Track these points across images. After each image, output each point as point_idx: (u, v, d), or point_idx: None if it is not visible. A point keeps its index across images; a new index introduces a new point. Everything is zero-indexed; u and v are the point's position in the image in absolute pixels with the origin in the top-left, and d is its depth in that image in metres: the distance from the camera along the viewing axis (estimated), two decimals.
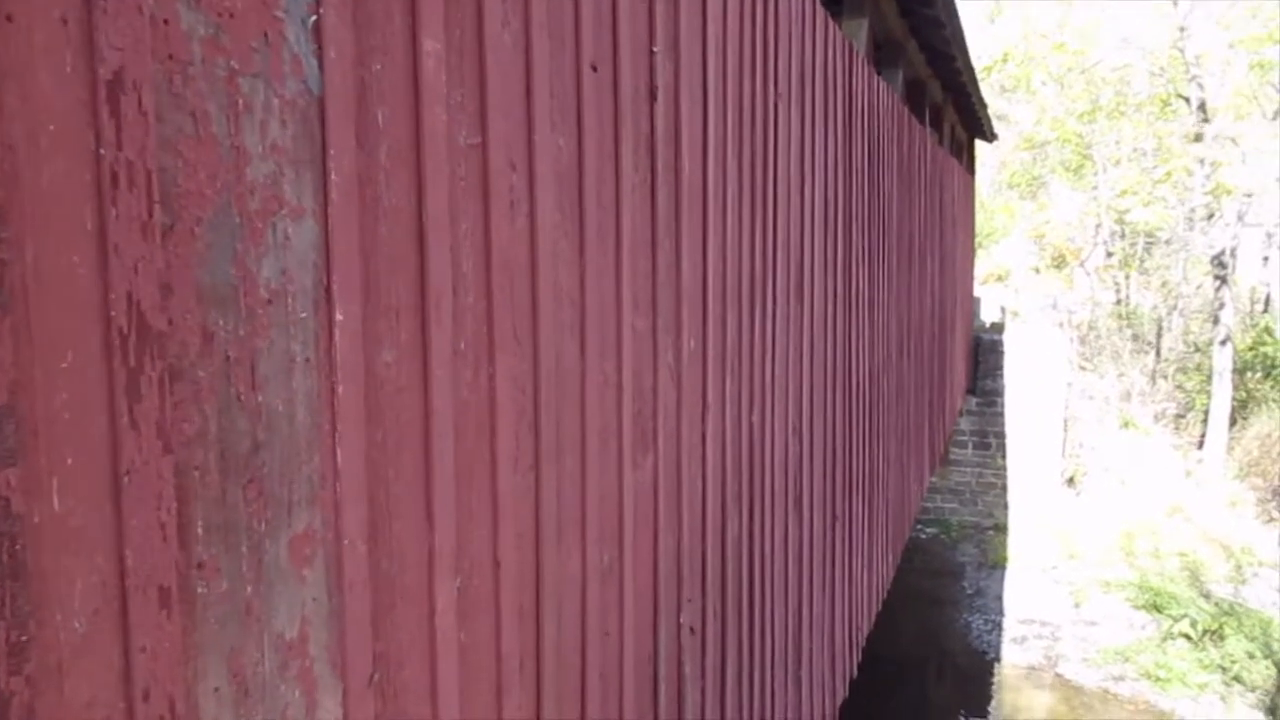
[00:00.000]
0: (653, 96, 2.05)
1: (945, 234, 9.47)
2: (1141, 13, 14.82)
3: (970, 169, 13.43)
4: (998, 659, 10.13)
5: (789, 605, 3.47)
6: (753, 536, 2.97)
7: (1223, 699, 9.26)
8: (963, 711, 9.34)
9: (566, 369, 1.69)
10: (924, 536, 13.32)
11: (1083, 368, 17.17)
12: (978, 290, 16.86)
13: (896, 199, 5.98)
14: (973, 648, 10.43)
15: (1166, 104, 16.57)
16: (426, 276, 1.26)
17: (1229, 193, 13.81)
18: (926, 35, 7.17)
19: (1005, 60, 14.56)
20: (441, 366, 1.30)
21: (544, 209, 1.59)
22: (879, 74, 5.54)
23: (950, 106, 10.36)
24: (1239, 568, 12.24)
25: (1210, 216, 14.59)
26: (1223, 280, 14.90)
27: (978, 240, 17.81)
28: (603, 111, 1.81)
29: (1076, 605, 11.16)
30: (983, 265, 20.56)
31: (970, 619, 11.06)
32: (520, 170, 1.52)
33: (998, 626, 10.72)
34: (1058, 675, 9.82)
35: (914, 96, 8.13)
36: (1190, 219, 17.89)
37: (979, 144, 14.47)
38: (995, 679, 9.86)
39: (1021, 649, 10.33)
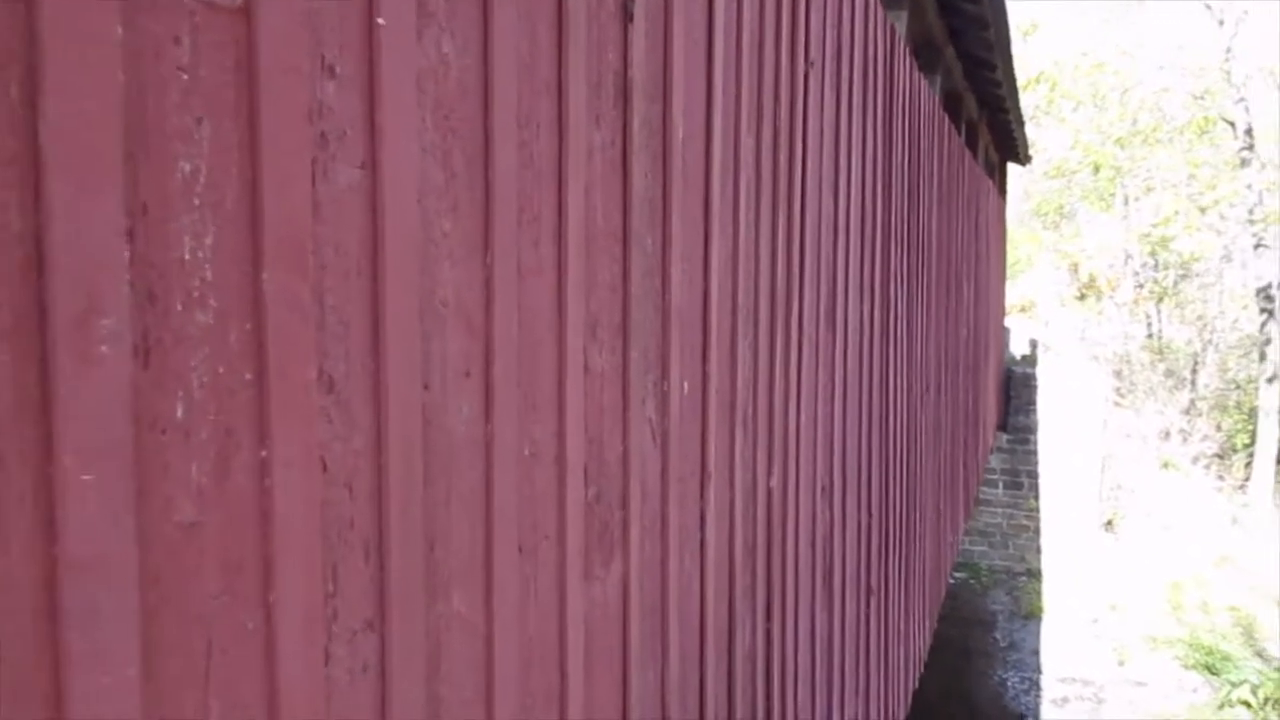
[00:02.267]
0: (627, 14, 1.35)
1: (981, 259, 8.75)
2: (1186, 32, 14.15)
3: (1002, 192, 12.72)
4: None
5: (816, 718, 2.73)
6: (770, 642, 2.24)
7: None
8: None
9: (452, 438, 0.98)
10: (952, 581, 12.46)
11: (1118, 404, 16.32)
12: (1006, 321, 16.09)
13: (936, 215, 5.27)
14: (1008, 708, 9.58)
15: (1204, 130, 15.84)
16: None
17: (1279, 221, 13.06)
18: (967, 40, 6.51)
19: (1038, 81, 13.90)
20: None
21: (399, 156, 0.89)
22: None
23: (984, 125, 9.69)
24: None
25: (1257, 246, 13.79)
26: (1270, 314, 14.08)
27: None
28: (535, 12, 1.11)
29: (1121, 663, 10.29)
30: (1009, 296, 19.79)
31: (1005, 675, 10.20)
32: (346, 82, 0.82)
33: (1035, 685, 9.86)
34: None
35: (950, 110, 7.45)
36: (1228, 249, 17.09)
37: (1010, 169, 13.76)
38: None
39: (1062, 711, 9.47)
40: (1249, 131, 13.43)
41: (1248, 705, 9.14)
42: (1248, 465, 14.73)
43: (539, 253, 1.15)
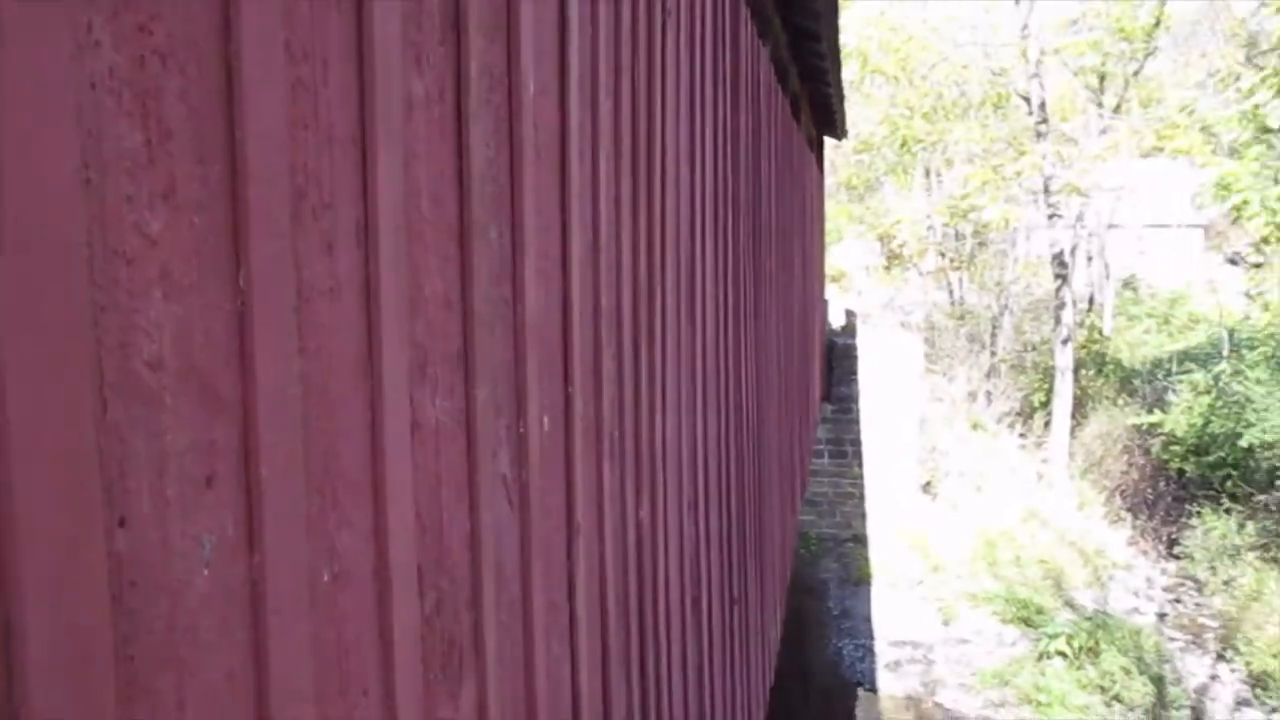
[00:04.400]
0: None
1: (807, 233, 8.73)
2: (984, 12, 14.74)
3: (821, 167, 12.87)
4: (873, 689, 9.45)
5: None
6: (646, 699, 1.89)
7: None
8: None
9: (183, 598, 0.56)
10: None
11: (929, 369, 17.02)
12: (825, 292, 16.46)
13: (775, 189, 5.06)
14: (845, 677, 9.73)
15: (1001, 105, 16.61)
16: None
17: (1076, 192, 13.79)
18: (794, 9, 6.33)
19: (850, 56, 14.14)
20: None
21: (33, 98, 0.45)
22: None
23: (807, 98, 9.66)
24: (1096, 572, 12.10)
25: (1051, 216, 14.57)
26: (1063, 279, 14.93)
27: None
28: None
29: (946, 623, 10.66)
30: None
31: (840, 643, 10.38)
32: None
33: (870, 652, 10.07)
34: (937, 704, 9.22)
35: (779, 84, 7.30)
36: (1025, 219, 18.07)
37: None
38: (871, 711, 9.17)
39: (897, 676, 9.70)
40: (1042, 106, 14.12)
41: (1063, 655, 9.63)
42: (1046, 423, 15.65)
43: (333, 261, 0.73)
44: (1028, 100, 14.38)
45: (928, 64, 14.33)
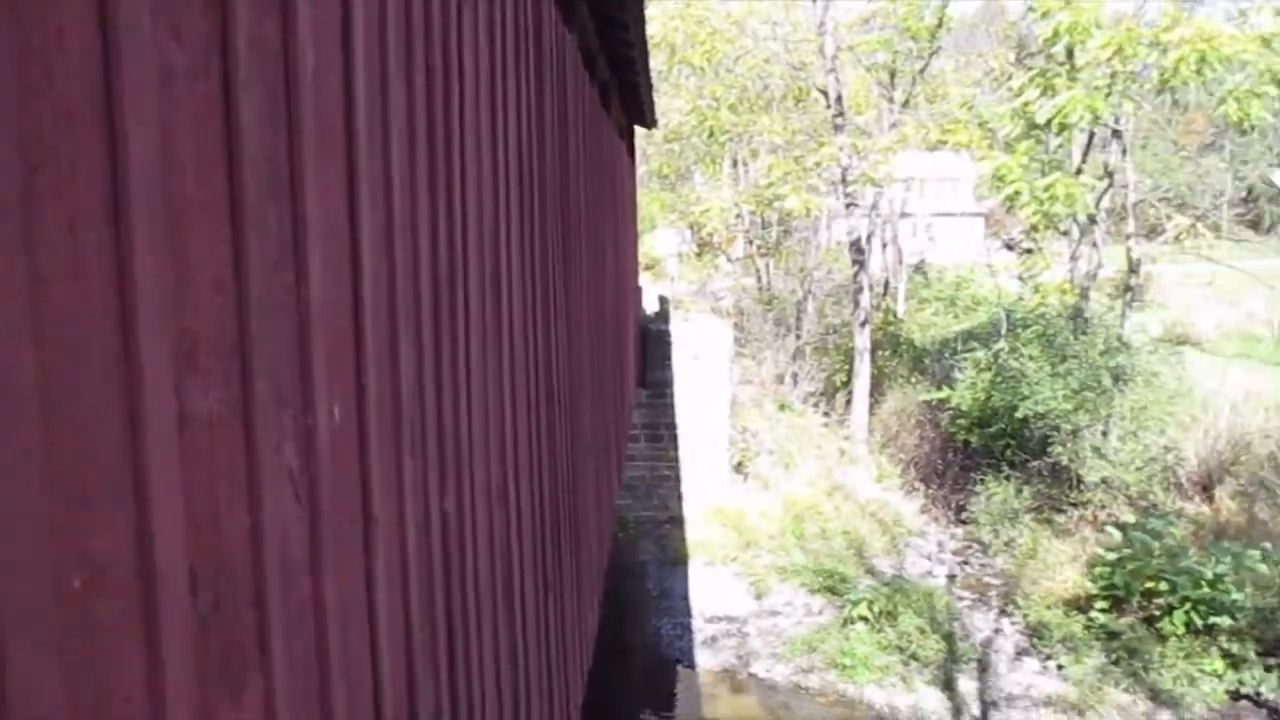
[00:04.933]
0: None
1: (619, 220, 8.83)
2: (784, 8, 15.31)
3: (632, 156, 13.04)
4: (692, 665, 9.72)
5: None
6: (456, 697, 1.87)
7: (903, 679, 9.46)
8: None
9: None
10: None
11: (739, 353, 17.59)
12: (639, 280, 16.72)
13: (584, 175, 5.08)
14: (664, 656, 9.96)
15: (801, 99, 17.31)
16: None
17: (870, 182, 14.57)
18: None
19: (658, 46, 14.38)
20: None
21: None
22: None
23: (616, 86, 9.75)
24: (894, 540, 12.88)
25: (849, 205, 15.34)
26: (860, 265, 15.76)
27: None
28: None
29: (758, 597, 11.08)
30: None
31: (659, 623, 10.60)
32: None
33: (687, 630, 10.34)
34: (751, 675, 9.58)
35: (586, 70, 7.33)
36: (825, 207, 18.95)
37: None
38: (690, 687, 9.43)
39: (713, 651, 10.01)
40: (839, 100, 14.84)
41: (865, 619, 10.21)
42: (848, 402, 16.51)
43: (77, 243, 0.68)
44: (825, 95, 15.06)
45: (732, 57, 14.77)
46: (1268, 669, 9.63)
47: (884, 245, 23.34)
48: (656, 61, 14.97)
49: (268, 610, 0.97)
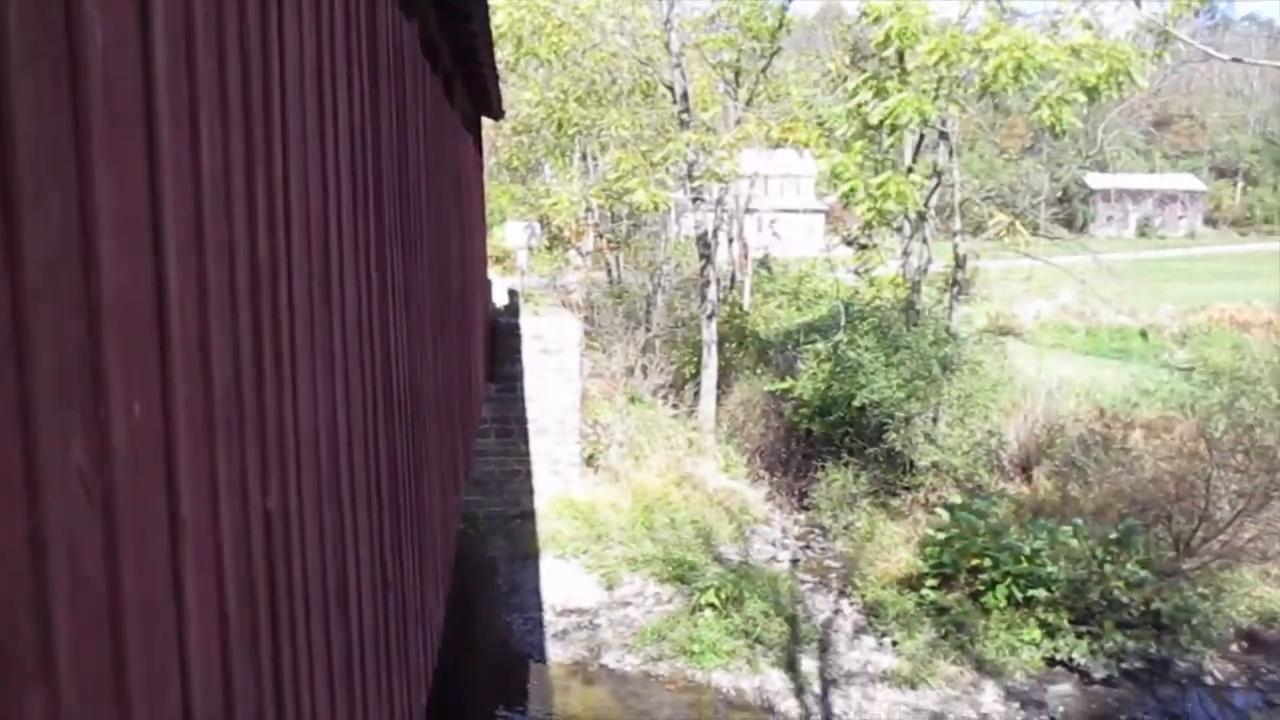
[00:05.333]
0: None
1: (465, 212, 8.71)
2: (631, 2, 15.42)
3: (479, 147, 12.88)
4: (543, 660, 9.71)
5: None
6: (281, 692, 1.81)
7: (749, 662, 9.73)
8: None
9: None
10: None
11: (590, 347, 17.66)
12: (488, 273, 16.55)
13: (425, 167, 4.99)
14: (515, 651, 9.91)
15: (649, 94, 17.49)
16: None
17: (715, 178, 14.87)
18: None
19: (504, 37, 14.25)
20: None
21: None
22: None
23: (460, 77, 9.60)
24: (740, 527, 13.22)
25: (695, 200, 15.62)
26: (707, 259, 16.08)
27: None
28: None
29: (609, 588, 11.18)
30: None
31: (509, 619, 10.55)
32: None
33: (538, 624, 10.32)
34: (603, 666, 9.65)
35: (428, 61, 7.19)
36: (673, 202, 19.22)
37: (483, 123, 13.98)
38: (542, 682, 9.42)
39: (565, 644, 10.03)
40: (685, 96, 15.08)
41: (713, 606, 10.45)
42: (696, 393, 16.82)
43: None
44: (672, 90, 15.27)
45: (580, 50, 14.78)
46: (1079, 636, 10.39)
47: (730, 240, 23.87)
48: (503, 53, 14.84)
49: (51, 617, 0.92)
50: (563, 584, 11.25)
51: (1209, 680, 10.34)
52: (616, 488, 13.50)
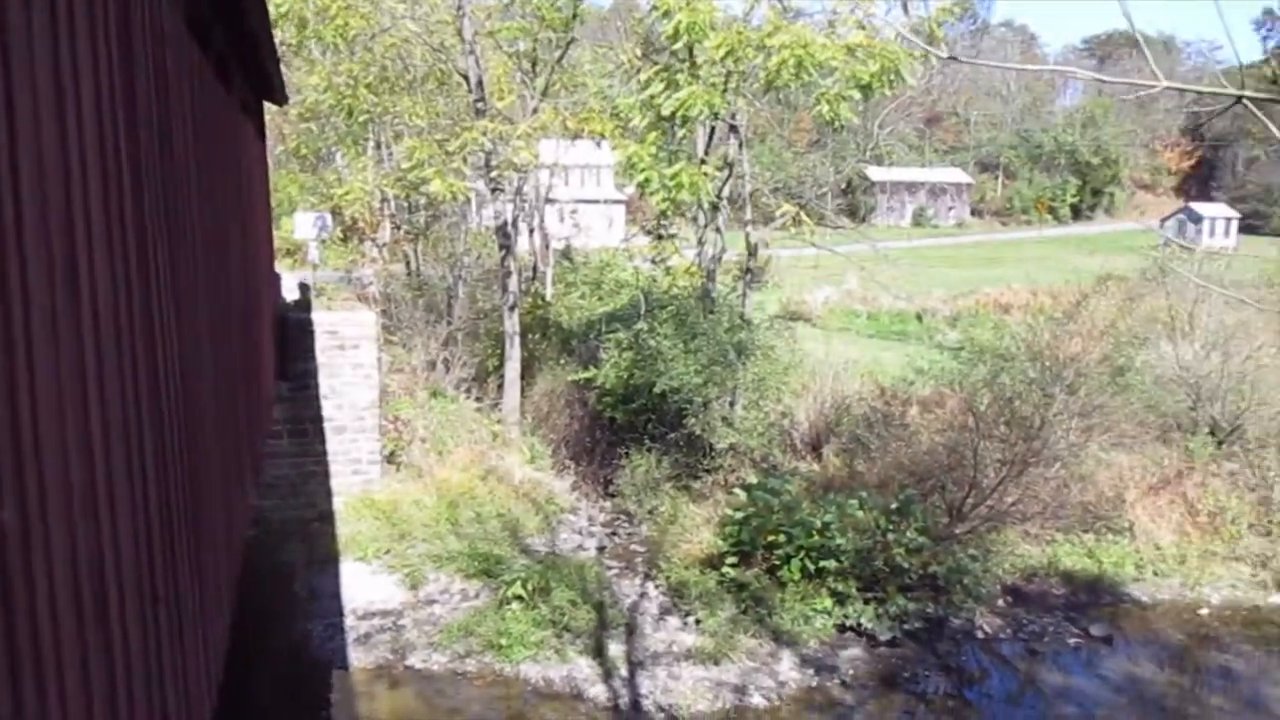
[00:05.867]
0: None
1: (246, 202, 8.25)
2: None
3: (261, 134, 12.22)
4: (345, 666, 9.37)
5: None
6: None
7: (557, 651, 9.76)
8: None
9: None
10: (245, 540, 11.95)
11: (389, 341, 17.18)
12: (276, 266, 15.77)
13: (196, 152, 4.68)
14: (315, 660, 9.52)
15: (443, 82, 17.13)
16: None
17: (513, 168, 14.74)
18: None
19: (286, 18, 13.55)
20: None
21: None
22: None
23: (236, 59, 9.07)
24: (547, 518, 13.24)
25: (494, 190, 15.44)
26: (508, 250, 15.95)
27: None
28: None
29: (414, 587, 10.93)
30: (275, 240, 19.44)
31: (308, 626, 10.12)
32: None
33: (339, 630, 9.96)
34: (408, 668, 9.42)
35: (199, 41, 6.74)
36: (471, 193, 18.95)
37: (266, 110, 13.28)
38: (345, 688, 9.09)
39: (367, 649, 9.72)
40: (480, 85, 14.87)
41: (520, 598, 10.41)
42: (499, 386, 16.69)
43: None
44: (467, 79, 15.03)
45: (368, 34, 14.28)
46: (866, 602, 11.06)
47: (531, 230, 23.81)
48: (286, 34, 14.15)
49: None
50: (365, 586, 10.91)
51: (980, 634, 11.25)
52: (420, 484, 13.21)
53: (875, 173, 63.31)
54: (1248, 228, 53.01)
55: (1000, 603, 11.92)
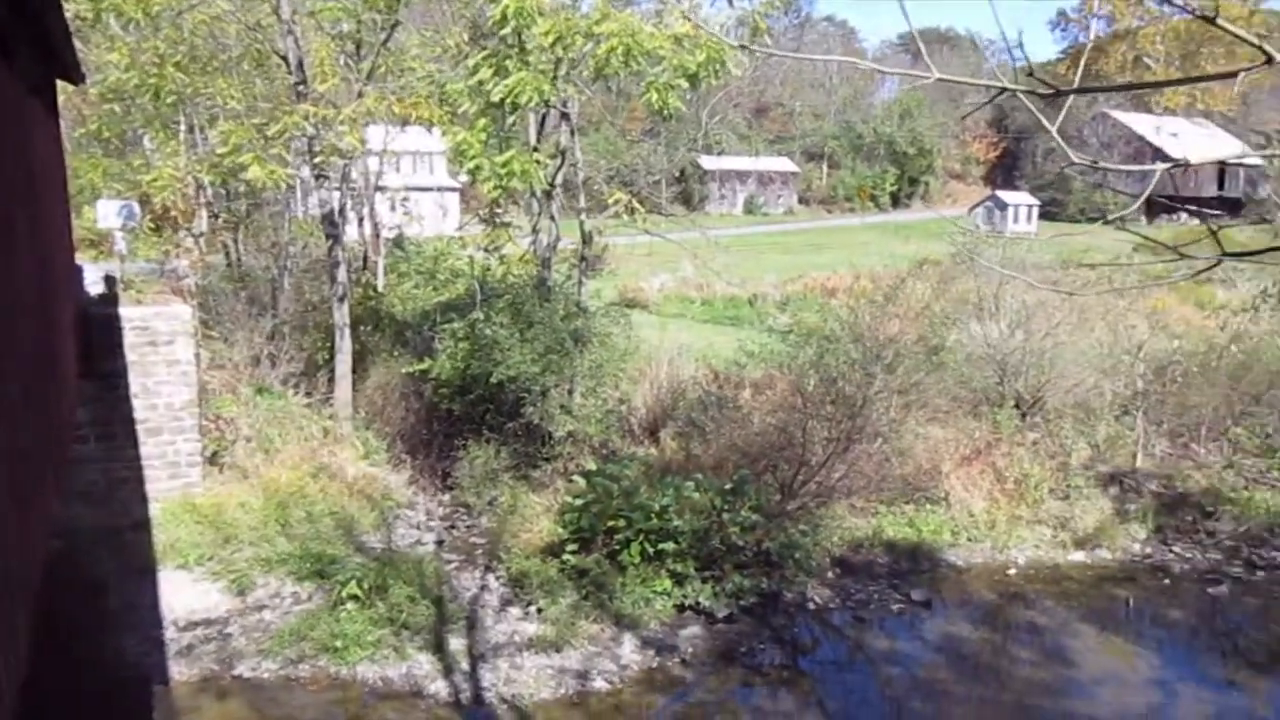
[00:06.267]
0: None
1: (36, 189, 7.62)
2: None
3: (54, 114, 11.31)
4: (165, 681, 8.86)
5: None
6: None
7: (395, 649, 9.54)
8: None
9: None
10: (48, 552, 11.10)
11: (208, 336, 16.30)
12: (78, 258, 14.69)
13: None
14: (129, 678, 8.96)
15: (261, 63, 16.33)
16: None
17: (338, 154, 14.20)
18: None
19: None
20: None
21: None
22: None
23: (20, 34, 8.35)
24: (383, 514, 12.90)
25: (318, 177, 14.85)
26: (336, 239, 15.39)
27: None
28: None
29: (241, 593, 10.44)
30: (77, 230, 18.10)
31: (122, 641, 9.51)
32: None
33: (157, 644, 9.40)
34: (236, 677, 8.99)
35: None
36: (295, 179, 18.20)
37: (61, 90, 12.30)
38: (166, 705, 8.60)
39: (190, 661, 9.23)
40: (301, 67, 14.24)
41: (356, 598, 10.11)
42: (330, 380, 16.11)
43: None
44: (286, 60, 14.39)
45: (175, 10, 13.43)
46: (704, 581, 11.32)
47: (360, 219, 23.08)
48: (80, 7, 13.16)
49: None
50: (187, 596, 10.34)
51: (811, 605, 11.72)
52: (246, 485, 12.61)
53: (708, 161, 64.58)
54: (1047, 214, 57.05)
55: (830, 574, 12.44)
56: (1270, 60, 1.95)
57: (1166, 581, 13.05)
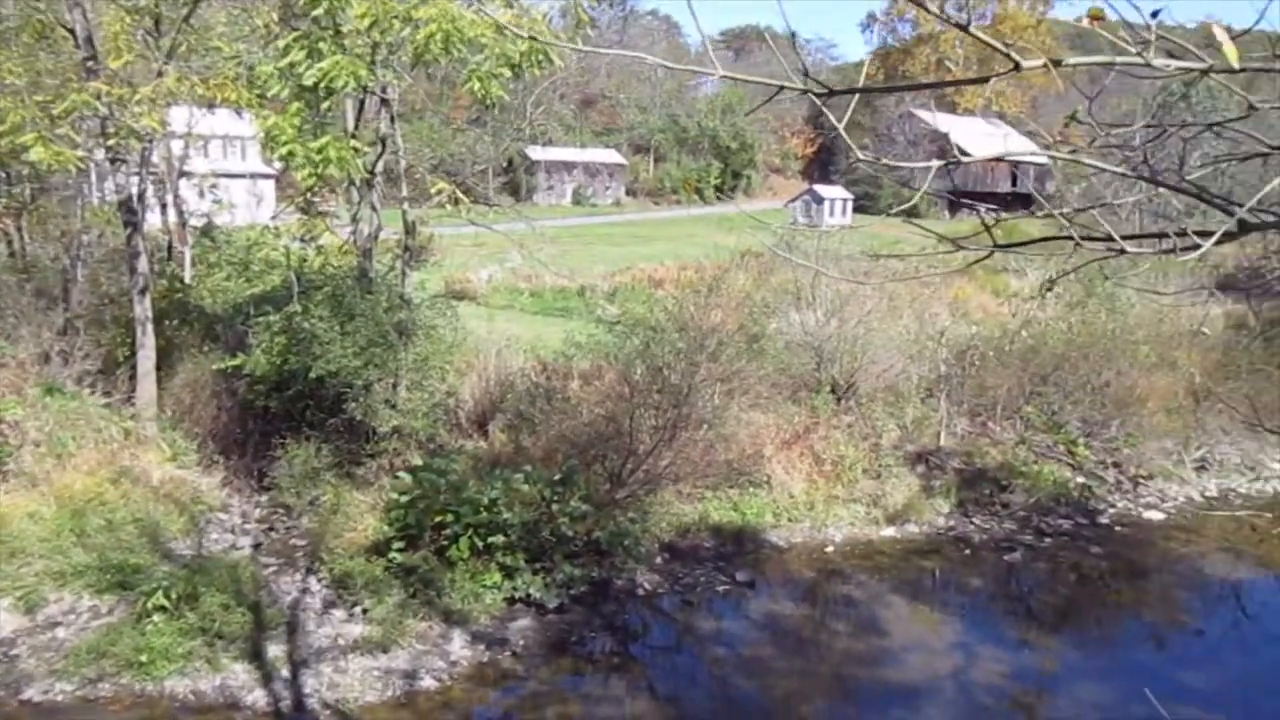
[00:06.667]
0: None
1: None
2: None
3: None
4: None
5: None
6: None
7: (209, 660, 9.05)
8: None
9: None
10: None
11: None
12: None
13: None
14: None
15: (44, 35, 15.07)
16: None
17: (135, 136, 13.25)
18: None
19: None
20: None
21: None
22: None
23: None
24: (193, 518, 12.20)
25: (114, 160, 13.84)
26: (135, 227, 14.39)
27: None
28: None
29: (30, 611, 9.64)
30: None
31: None
32: None
33: None
34: (24, 702, 8.30)
35: None
36: (87, 162, 16.89)
37: None
38: None
39: None
40: (90, 42, 13.21)
41: (163, 608, 9.52)
42: (131, 378, 15.08)
43: None
44: (74, 34, 13.32)
45: None
46: (534, 573, 11.29)
47: (164, 206, 21.69)
48: None
49: None
50: None
51: (641, 592, 11.90)
52: (34, 494, 11.65)
53: (535, 152, 64.24)
54: (860, 207, 59.85)
55: (659, 560, 12.66)
56: (1018, 66, 2.12)
57: (968, 552, 13.99)
